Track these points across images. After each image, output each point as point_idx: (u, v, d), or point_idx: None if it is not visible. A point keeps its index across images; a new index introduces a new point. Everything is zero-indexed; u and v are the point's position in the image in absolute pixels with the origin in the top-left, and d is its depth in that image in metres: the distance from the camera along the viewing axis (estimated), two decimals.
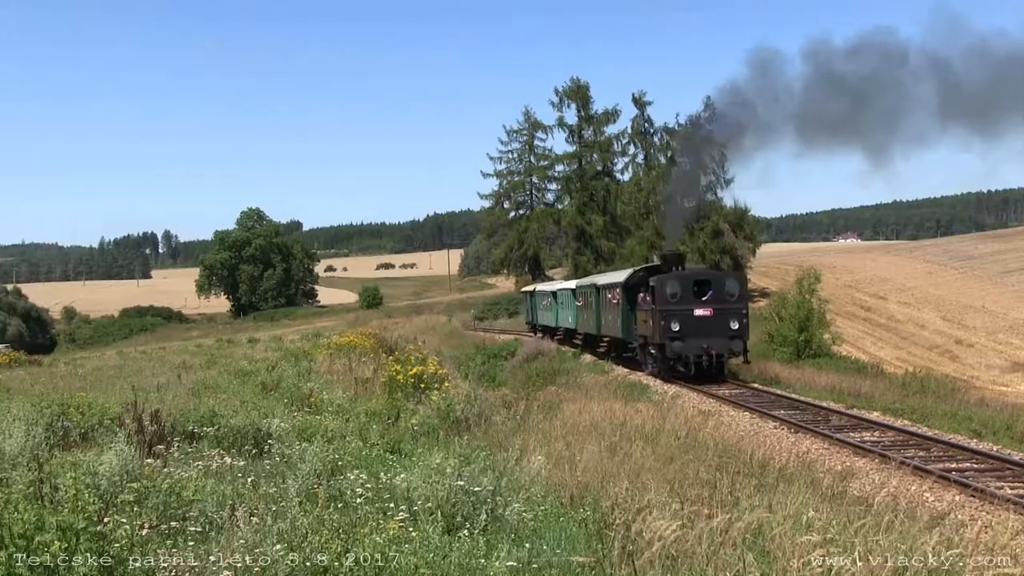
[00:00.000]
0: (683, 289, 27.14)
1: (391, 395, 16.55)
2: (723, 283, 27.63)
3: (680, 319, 26.68)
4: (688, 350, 26.38)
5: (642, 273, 31.14)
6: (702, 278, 28.06)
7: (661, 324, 26.88)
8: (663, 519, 6.89)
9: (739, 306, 27.17)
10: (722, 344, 26.48)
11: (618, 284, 32.56)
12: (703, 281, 27.79)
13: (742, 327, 26.90)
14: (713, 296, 27.25)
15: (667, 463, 10.48)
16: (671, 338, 26.68)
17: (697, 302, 27.09)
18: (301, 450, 10.42)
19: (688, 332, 26.61)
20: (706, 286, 27.54)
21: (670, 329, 26.66)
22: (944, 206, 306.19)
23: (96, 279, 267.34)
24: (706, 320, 26.70)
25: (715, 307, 26.92)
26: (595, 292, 37.21)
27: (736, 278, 28.62)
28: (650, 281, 28.14)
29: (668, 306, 26.96)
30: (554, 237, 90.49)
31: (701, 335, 26.48)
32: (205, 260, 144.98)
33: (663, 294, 27.15)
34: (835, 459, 14.84)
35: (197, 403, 14.67)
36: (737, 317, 26.87)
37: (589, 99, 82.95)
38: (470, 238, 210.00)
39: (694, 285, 27.39)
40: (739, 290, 27.60)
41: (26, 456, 9.74)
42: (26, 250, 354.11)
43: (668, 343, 26.69)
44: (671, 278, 27.60)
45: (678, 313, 26.81)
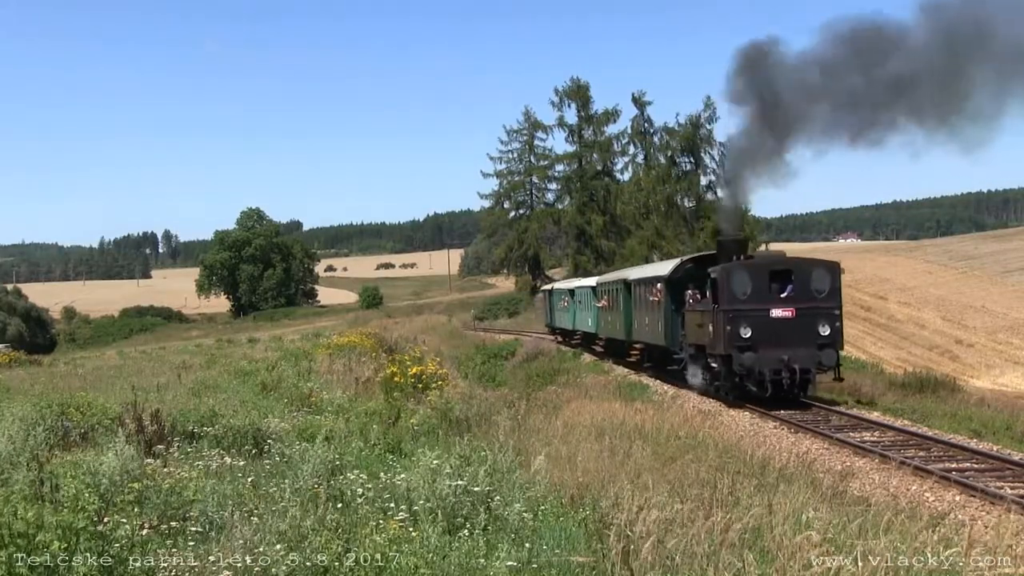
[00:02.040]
0: (756, 283, 21.31)
1: (390, 395, 16.56)
2: (808, 274, 21.57)
3: (752, 322, 20.86)
4: (763, 363, 20.53)
5: (691, 265, 25.43)
6: (780, 268, 21.93)
7: (726, 329, 20.89)
8: (663, 519, 6.89)
9: (830, 305, 21.30)
10: (808, 355, 20.70)
11: (659, 278, 26.61)
12: (782, 272, 21.78)
13: (834, 332, 21.06)
14: (796, 292, 21.35)
15: (667, 463, 10.48)
16: (740, 347, 20.77)
17: (775, 300, 21.28)
18: (301, 450, 10.42)
19: (763, 340, 20.77)
20: (786, 279, 21.65)
21: (738, 336, 20.80)
22: (944, 206, 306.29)
23: (96, 279, 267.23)
24: (787, 324, 20.95)
25: (798, 306, 21.07)
26: (623, 289, 31.75)
27: (827, 267, 21.94)
28: (711, 273, 22.28)
29: (736, 305, 21.09)
30: (554, 237, 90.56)
31: (780, 343, 20.65)
32: (205, 260, 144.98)
33: (729, 289, 21.26)
34: (835, 459, 14.84)
35: (197, 403, 14.67)
36: (828, 319, 21.05)
37: (589, 99, 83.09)
38: (470, 238, 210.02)
39: (770, 278, 21.52)
40: (830, 283, 21.53)
41: (26, 456, 9.73)
42: (26, 250, 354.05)
43: (735, 354, 20.79)
44: (740, 268, 21.68)
45: (749, 314, 20.96)
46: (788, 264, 22.20)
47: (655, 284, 27.09)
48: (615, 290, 33.39)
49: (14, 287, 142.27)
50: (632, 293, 30.59)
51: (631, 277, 31.39)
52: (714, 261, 23.52)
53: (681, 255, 42.50)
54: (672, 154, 75.11)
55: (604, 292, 35.90)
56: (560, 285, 50.43)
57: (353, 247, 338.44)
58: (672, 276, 25.68)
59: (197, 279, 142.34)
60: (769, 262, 22.32)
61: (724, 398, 22.05)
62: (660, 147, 76.84)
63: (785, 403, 20.71)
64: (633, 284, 30.49)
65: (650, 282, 27.90)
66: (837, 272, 21.96)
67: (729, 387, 21.63)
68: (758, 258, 23.10)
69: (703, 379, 23.44)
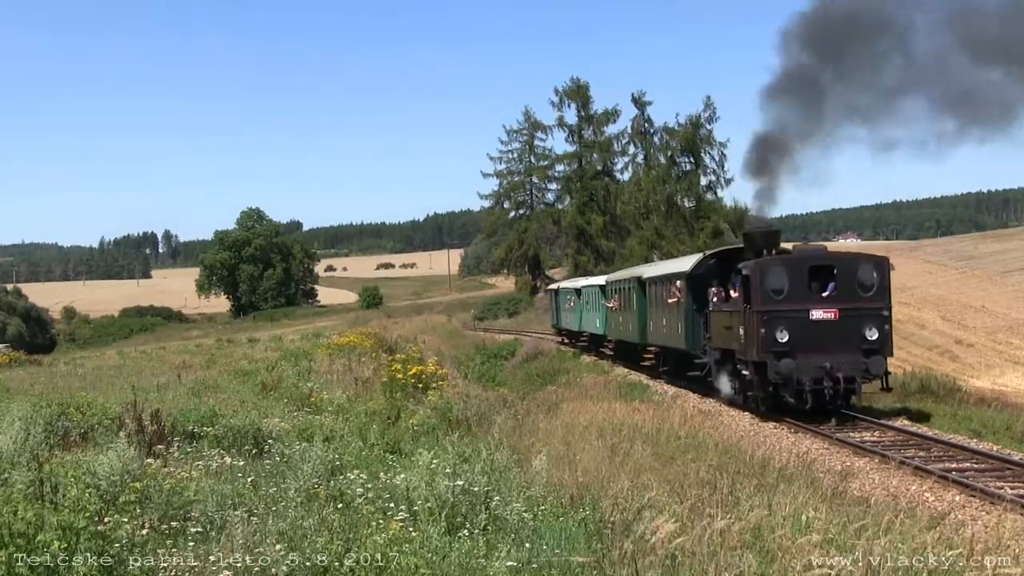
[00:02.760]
0: (794, 280, 18.95)
1: (390, 395, 16.56)
2: (853, 270, 19.23)
3: (789, 325, 18.53)
4: (802, 371, 18.27)
5: (714, 260, 23.26)
6: (821, 263, 19.58)
7: (760, 333, 18.56)
8: (663, 519, 6.89)
9: (878, 305, 18.92)
10: (853, 362, 18.38)
11: (679, 275, 24.53)
12: (823, 268, 19.47)
13: (883, 336, 18.70)
14: (839, 290, 19.05)
15: (667, 463, 10.49)
16: (776, 353, 18.47)
17: (815, 299, 18.95)
18: (301, 450, 10.43)
19: (802, 344, 18.45)
20: (828, 275, 19.37)
21: (774, 340, 18.48)
22: (944, 206, 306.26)
23: (96, 279, 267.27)
24: (829, 326, 18.64)
25: (842, 306, 18.76)
26: (637, 288, 29.60)
27: (874, 263, 19.57)
28: (742, 269, 19.87)
29: (771, 305, 18.74)
30: (554, 237, 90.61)
31: (821, 349, 18.37)
32: (205, 260, 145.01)
33: (763, 288, 18.91)
34: (835, 459, 14.84)
35: (197, 403, 14.67)
36: (875, 321, 18.68)
37: (589, 99, 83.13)
38: (470, 238, 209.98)
39: (810, 274, 19.20)
40: (878, 280, 19.12)
41: (26, 456, 9.73)
42: (26, 250, 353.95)
43: (771, 361, 18.51)
44: (776, 264, 19.39)
45: (786, 316, 18.63)
46: (830, 259, 19.89)
47: (674, 282, 24.78)
48: (627, 289, 31.35)
49: (14, 287, 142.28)
50: (647, 292, 28.45)
51: (646, 275, 29.07)
52: (739, 257, 21.34)
53: (681, 255, 42.27)
54: (672, 154, 75.12)
55: (615, 291, 33.86)
56: (566, 284, 48.47)
57: (353, 247, 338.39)
58: (694, 272, 23.43)
59: (197, 279, 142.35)
60: (808, 256, 19.75)
61: (755, 410, 19.94)
62: (660, 147, 76.85)
63: (827, 416, 18.56)
64: (648, 282, 28.32)
65: (668, 279, 25.61)
66: (886, 268, 19.51)
67: (762, 398, 19.42)
68: (795, 252, 20.24)
69: (731, 388, 21.27)
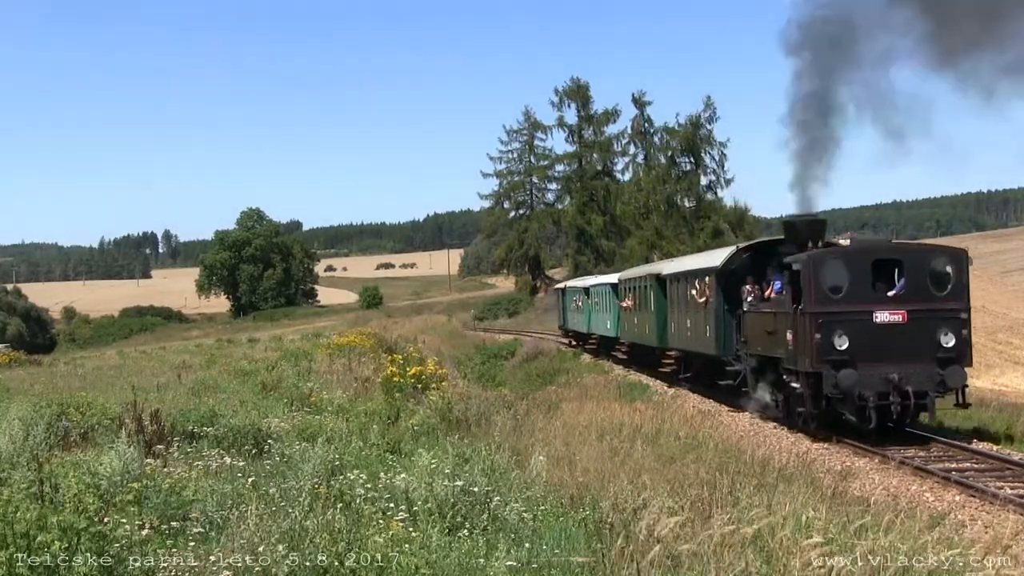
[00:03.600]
0: (855, 276, 16.25)
1: (390, 395, 16.57)
2: (924, 264, 16.58)
3: (850, 329, 15.83)
4: (865, 385, 15.57)
5: (747, 255, 20.65)
6: (887, 256, 16.97)
7: (814, 338, 15.89)
8: (663, 519, 6.89)
9: (955, 305, 16.24)
10: (925, 374, 15.75)
11: (708, 271, 21.91)
12: (889, 262, 16.84)
13: (961, 343, 16.00)
14: (908, 288, 16.34)
15: (667, 463, 10.49)
16: (834, 363, 15.73)
17: (880, 299, 16.31)
18: (301, 450, 10.44)
19: (864, 353, 15.81)
20: (894, 270, 16.78)
21: (831, 347, 15.82)
22: (944, 206, 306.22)
23: (96, 279, 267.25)
24: (896, 331, 15.94)
25: (912, 308, 16.03)
26: (655, 286, 27.29)
27: (950, 256, 16.94)
28: (792, 264, 17.00)
29: (828, 306, 16.08)
30: (554, 237, 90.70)
31: (888, 358, 15.75)
32: (205, 260, 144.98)
33: (817, 284, 16.20)
34: (835, 459, 14.84)
35: (197, 403, 14.68)
36: (952, 325, 16.01)
37: (589, 99, 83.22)
38: (470, 238, 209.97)
39: (874, 270, 16.53)
40: (954, 275, 16.49)
41: (26, 456, 9.74)
42: (26, 250, 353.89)
43: (827, 372, 15.77)
44: (833, 257, 16.79)
45: (846, 319, 15.94)
46: (897, 251, 17.32)
47: (702, 278, 22.24)
48: (644, 287, 29.05)
49: (14, 287, 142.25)
50: (667, 290, 26.03)
51: (666, 271, 26.86)
52: (773, 251, 19.22)
53: (681, 255, 42.06)
54: (672, 154, 75.26)
55: (629, 290, 31.49)
56: (574, 283, 46.41)
57: (353, 247, 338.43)
58: (725, 268, 20.80)
59: (197, 279, 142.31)
60: (872, 248, 17.33)
61: (803, 427, 17.35)
62: (660, 147, 76.99)
63: (894, 436, 16.05)
64: (669, 279, 25.89)
65: (694, 276, 23.06)
66: (964, 261, 16.77)
67: (815, 414, 16.66)
68: (855, 244, 17.66)
69: (772, 401, 18.64)
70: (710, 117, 73.68)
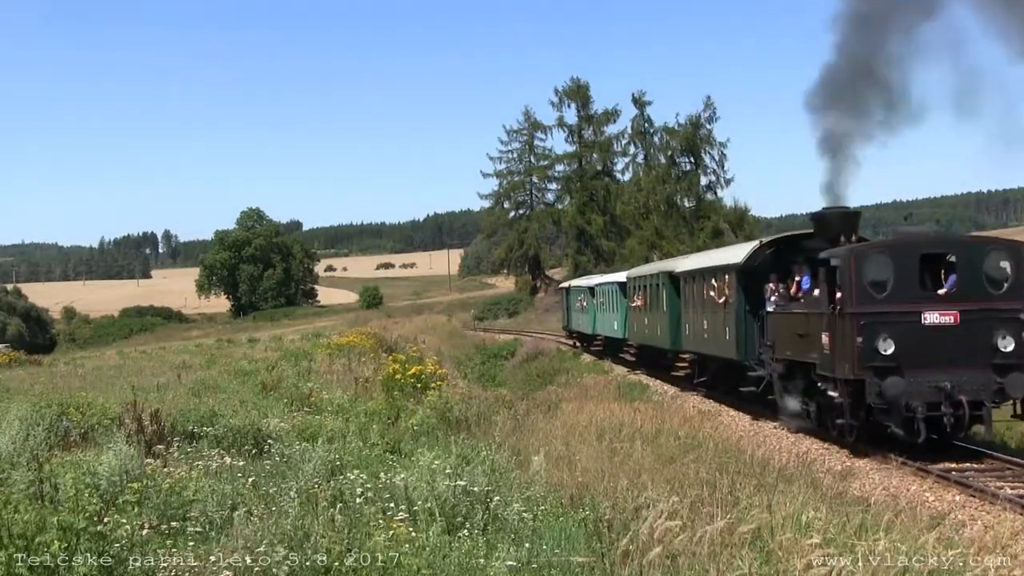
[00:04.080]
0: (901, 273, 14.62)
1: (390, 395, 16.57)
2: (978, 259, 14.88)
3: (896, 332, 14.26)
4: (913, 394, 13.96)
5: (771, 251, 19.24)
6: (936, 250, 15.24)
7: (856, 342, 14.26)
8: (663, 519, 6.89)
9: (1014, 304, 14.65)
10: (981, 381, 14.15)
11: (727, 268, 20.45)
12: (938, 257, 15.17)
13: (1020, 347, 14.32)
14: (960, 285, 14.71)
15: (667, 463, 10.49)
16: (878, 369, 14.17)
17: (929, 297, 14.72)
18: (301, 450, 10.44)
19: (912, 358, 14.25)
20: (945, 266, 15.11)
21: (875, 352, 14.22)
22: (944, 206, 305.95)
23: (96, 279, 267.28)
24: (948, 334, 14.35)
25: (965, 307, 14.44)
26: (668, 284, 25.90)
27: (1008, 249, 15.17)
28: (830, 259, 15.34)
29: (871, 306, 14.49)
30: (554, 237, 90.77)
31: (938, 364, 14.21)
32: (205, 260, 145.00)
33: (859, 281, 14.60)
34: (835, 459, 14.83)
35: (197, 403, 14.69)
36: (1011, 327, 14.45)
37: (589, 99, 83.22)
38: (470, 238, 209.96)
39: (921, 265, 14.87)
40: (1013, 272, 14.80)
41: (26, 456, 9.74)
42: (26, 250, 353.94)
43: (870, 379, 14.16)
44: (877, 251, 15.11)
45: (892, 320, 14.37)
46: (948, 245, 15.49)
47: (721, 276, 20.83)
48: (655, 285, 27.61)
49: (14, 287, 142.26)
50: (681, 289, 24.72)
51: (680, 268, 25.42)
52: (798, 246, 18.02)
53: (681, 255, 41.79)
54: (672, 154, 75.22)
55: (639, 288, 30.04)
56: (578, 282, 44.96)
57: (353, 247, 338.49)
58: (747, 265, 19.44)
59: (197, 279, 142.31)
60: (919, 241, 15.29)
61: (840, 440, 15.57)
62: (660, 147, 76.94)
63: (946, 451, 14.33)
64: (684, 277, 24.56)
65: (711, 274, 21.67)
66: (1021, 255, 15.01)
67: (856, 426, 14.88)
68: (900, 236, 15.75)
69: (803, 409, 17.08)
70: (710, 117, 73.66)
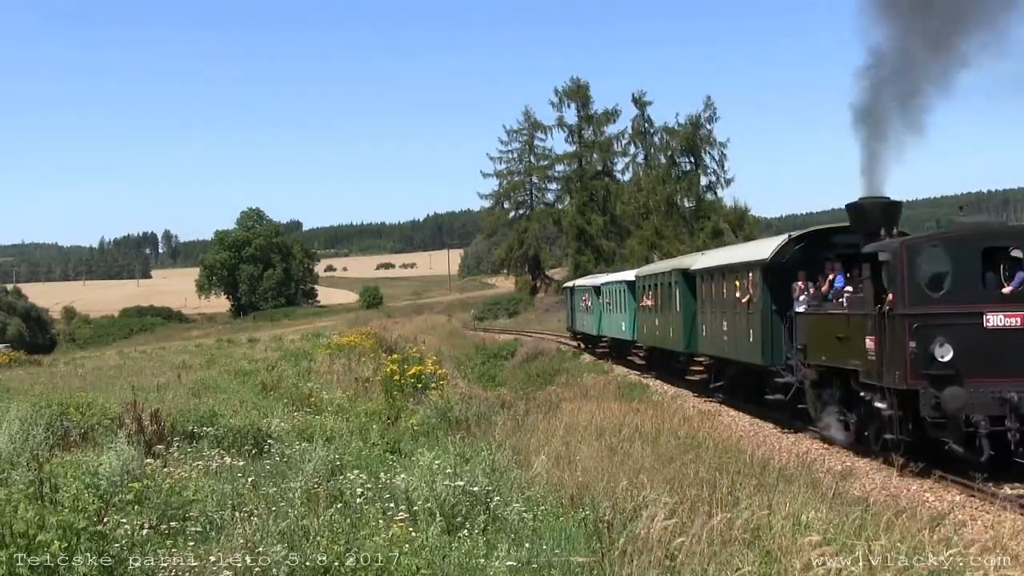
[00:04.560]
0: (960, 268, 13.02)
1: (390, 395, 16.57)
2: None
3: (955, 336, 12.62)
4: (975, 406, 12.31)
5: (800, 246, 17.83)
6: (1000, 243, 13.32)
7: (910, 347, 12.67)
8: (663, 518, 6.89)
9: None
10: None
11: (752, 265, 18.95)
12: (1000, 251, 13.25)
13: None
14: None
15: (667, 463, 10.49)
16: (934, 379, 12.55)
17: (991, 297, 12.95)
18: (301, 450, 10.44)
19: (973, 365, 12.62)
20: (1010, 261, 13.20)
21: (931, 358, 12.59)
22: (944, 206, 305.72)
23: (96, 279, 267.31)
24: (1014, 338, 12.68)
25: None
26: (682, 283, 24.43)
27: None
28: (879, 254, 13.68)
29: (926, 306, 12.88)
30: (554, 237, 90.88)
31: (1003, 371, 12.61)
32: (205, 260, 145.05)
33: (912, 278, 12.98)
34: (835, 459, 14.83)
35: (197, 403, 14.69)
36: None
37: (589, 99, 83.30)
38: (470, 238, 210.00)
39: (983, 260, 13.11)
40: None
41: (26, 456, 9.75)
42: (26, 250, 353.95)
43: (925, 390, 12.54)
44: (933, 244, 13.45)
45: (950, 323, 12.75)
46: (1013, 237, 13.48)
47: (744, 274, 19.32)
48: (668, 284, 26.12)
49: (14, 287, 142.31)
50: (697, 288, 23.29)
51: (696, 265, 23.72)
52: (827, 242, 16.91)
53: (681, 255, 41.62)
54: (672, 154, 75.29)
55: (649, 287, 28.60)
56: (583, 282, 43.45)
57: (353, 247, 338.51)
58: (774, 261, 17.92)
59: (197, 279, 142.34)
60: (980, 233, 13.50)
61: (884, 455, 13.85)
62: (660, 147, 77.02)
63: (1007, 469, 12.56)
64: (700, 275, 23.06)
65: (733, 271, 20.13)
66: None
67: (908, 442, 13.19)
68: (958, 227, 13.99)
69: (840, 421, 15.53)
70: (710, 117, 73.76)
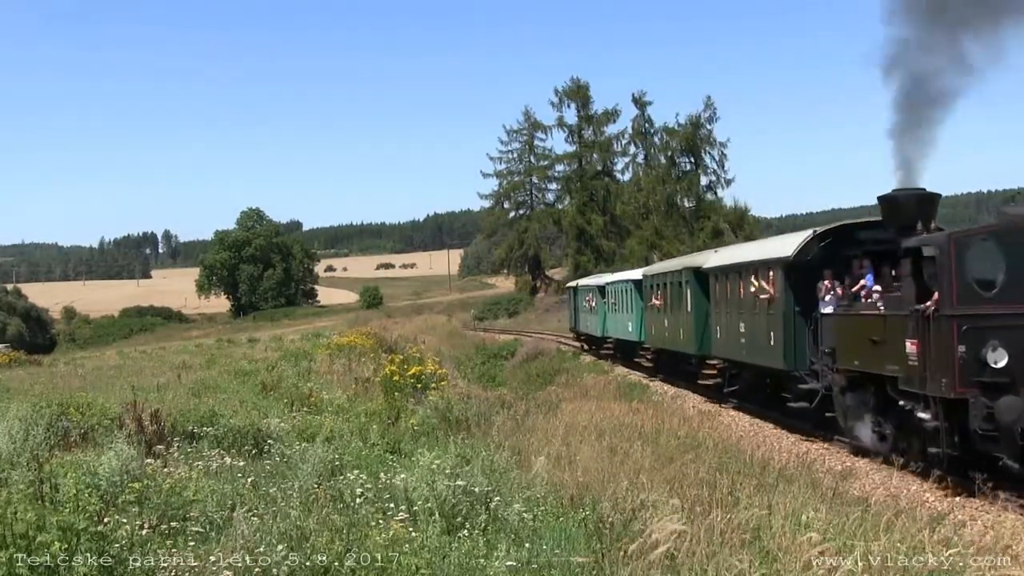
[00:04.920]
0: (1012, 264, 11.82)
1: (390, 395, 16.57)
2: None
3: (1009, 339, 11.47)
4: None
5: (824, 243, 16.67)
6: None
7: (958, 352, 11.54)
8: (663, 518, 6.89)
9: None
10: None
11: (773, 263, 17.87)
12: None
13: None
14: None
15: (667, 463, 10.48)
16: (986, 386, 11.40)
17: None
18: (301, 450, 10.44)
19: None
20: None
21: (982, 364, 11.45)
22: (944, 206, 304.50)
23: (96, 279, 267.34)
24: None
25: None
26: (693, 282, 23.35)
27: None
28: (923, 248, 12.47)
29: (976, 306, 11.74)
30: (554, 237, 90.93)
31: None
32: (205, 260, 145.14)
33: (961, 276, 11.83)
34: (835, 459, 14.83)
35: (197, 403, 14.69)
36: None
37: (589, 99, 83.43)
38: (470, 238, 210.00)
39: None
40: None
41: (26, 456, 9.75)
42: (26, 250, 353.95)
43: (975, 399, 11.37)
44: (982, 237, 12.15)
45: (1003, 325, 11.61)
46: None
47: (764, 272, 18.17)
48: (678, 283, 25.00)
49: (14, 287, 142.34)
50: (710, 287, 22.12)
51: (709, 264, 22.44)
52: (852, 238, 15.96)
53: (681, 255, 41.57)
54: (672, 154, 75.35)
55: (658, 286, 27.37)
56: (587, 281, 42.30)
57: (353, 247, 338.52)
58: (798, 259, 16.84)
59: (197, 279, 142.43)
60: None
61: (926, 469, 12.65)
62: (660, 147, 77.09)
63: None
64: (713, 274, 21.86)
65: (751, 269, 18.96)
66: None
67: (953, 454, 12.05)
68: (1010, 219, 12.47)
69: (875, 431, 14.42)
70: (710, 117, 73.86)
